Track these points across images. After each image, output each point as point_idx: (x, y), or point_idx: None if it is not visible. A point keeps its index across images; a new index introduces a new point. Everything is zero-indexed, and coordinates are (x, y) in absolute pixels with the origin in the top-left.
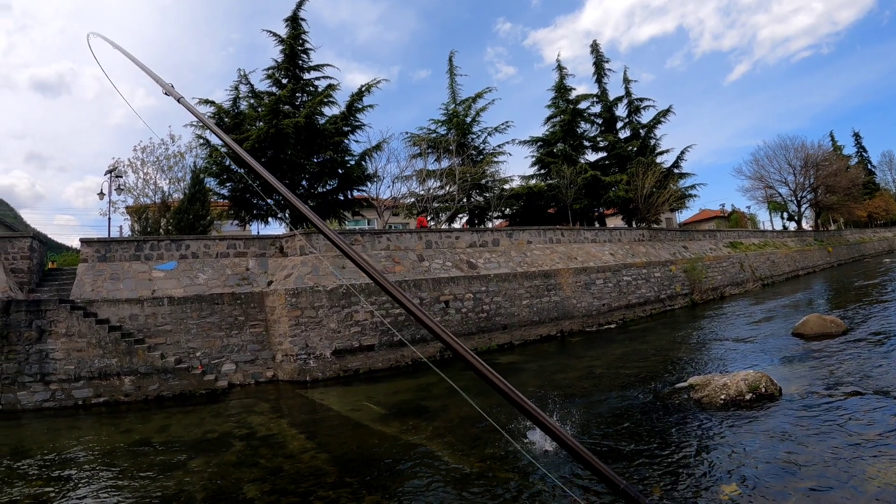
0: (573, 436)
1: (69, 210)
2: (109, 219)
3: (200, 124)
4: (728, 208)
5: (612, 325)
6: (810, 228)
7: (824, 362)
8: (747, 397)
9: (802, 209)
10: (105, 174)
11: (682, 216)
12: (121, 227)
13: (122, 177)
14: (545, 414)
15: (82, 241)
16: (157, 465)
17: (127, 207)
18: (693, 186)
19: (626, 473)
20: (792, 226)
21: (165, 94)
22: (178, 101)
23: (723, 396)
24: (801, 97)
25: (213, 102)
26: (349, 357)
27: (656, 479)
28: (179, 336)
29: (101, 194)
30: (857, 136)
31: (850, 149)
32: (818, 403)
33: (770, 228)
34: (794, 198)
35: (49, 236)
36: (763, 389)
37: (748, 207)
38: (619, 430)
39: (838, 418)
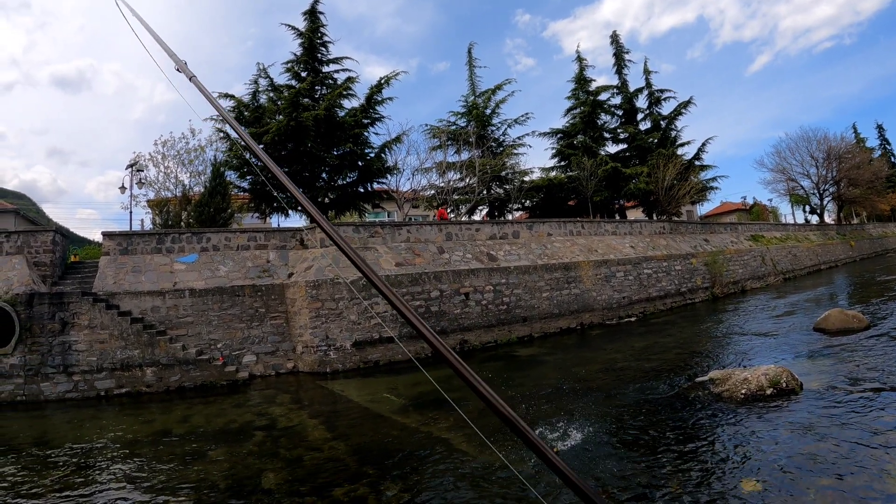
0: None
1: (91, 204)
2: (131, 212)
3: (220, 118)
4: (750, 201)
5: (633, 318)
6: (832, 222)
7: (846, 358)
8: (768, 392)
9: (825, 202)
10: (126, 168)
11: (703, 209)
12: (142, 220)
13: (143, 171)
14: (528, 426)
15: (104, 234)
16: (178, 455)
17: (148, 201)
18: (714, 179)
19: (645, 466)
20: (814, 219)
21: (177, 69)
22: (190, 79)
23: (743, 391)
24: (824, 89)
25: (232, 96)
26: (369, 348)
27: (676, 472)
28: (201, 328)
29: (123, 188)
30: (880, 128)
31: (872, 141)
32: (840, 399)
33: (792, 222)
34: (816, 191)
35: (71, 230)
36: (784, 384)
37: (770, 200)
38: (639, 423)
39: (860, 414)
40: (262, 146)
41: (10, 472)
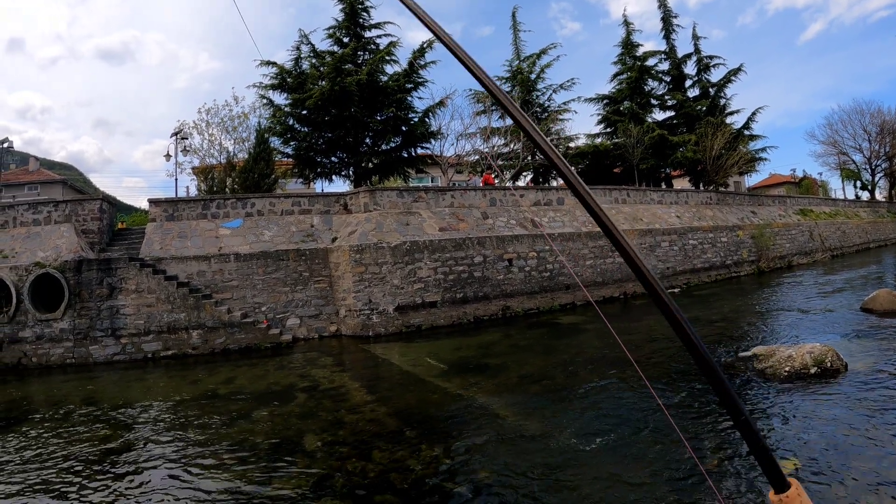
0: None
1: (137, 173)
2: (176, 179)
3: (263, 86)
4: (799, 174)
5: (676, 290)
6: (884, 199)
7: (894, 341)
8: (812, 371)
9: (876, 178)
10: (171, 136)
11: (751, 180)
12: (187, 187)
13: (187, 138)
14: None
15: (150, 201)
16: (222, 415)
17: (193, 168)
18: (763, 149)
19: (687, 439)
20: (864, 195)
21: None
22: None
23: (787, 368)
24: (880, 59)
25: (274, 63)
26: (412, 313)
27: (716, 448)
28: (245, 291)
29: (168, 156)
30: None
31: None
32: (885, 382)
33: (842, 197)
34: (868, 166)
35: (118, 198)
36: (829, 364)
37: (820, 174)
38: (680, 396)
39: None
40: (304, 111)
41: (57, 430)
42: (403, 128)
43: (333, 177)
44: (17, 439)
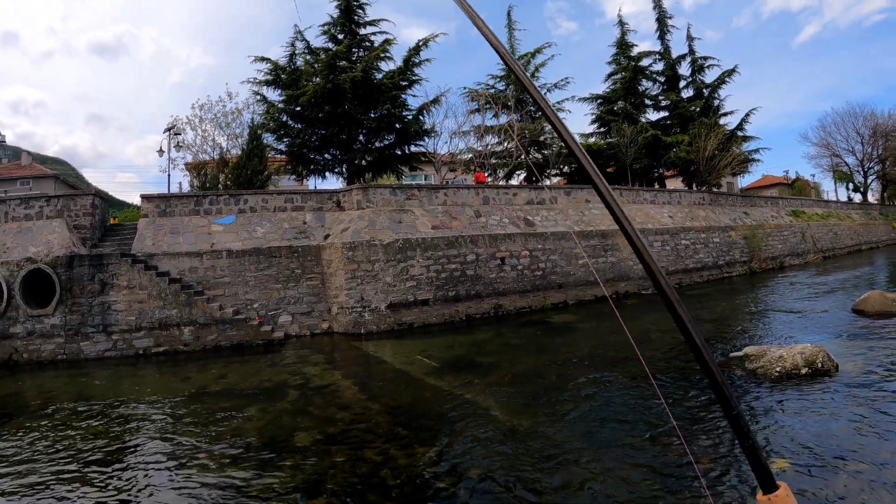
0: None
1: (130, 168)
2: (169, 175)
3: (257, 82)
4: (792, 175)
5: None
6: (876, 202)
7: (884, 342)
8: (803, 371)
9: (868, 181)
10: (164, 132)
11: (744, 181)
12: (180, 183)
13: (180, 134)
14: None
15: (143, 196)
16: (213, 412)
17: (186, 164)
18: (757, 150)
19: (683, 436)
20: (857, 197)
21: None
22: None
23: (778, 369)
24: (876, 62)
25: (268, 59)
26: (404, 311)
27: (707, 447)
28: (237, 288)
29: (161, 151)
30: None
31: None
32: (876, 383)
33: (834, 199)
34: (860, 168)
35: (111, 194)
36: (820, 365)
37: (813, 176)
38: (672, 394)
39: (895, 401)
40: (298, 108)
41: (48, 427)
42: (397, 125)
43: (327, 174)
44: (6, 436)
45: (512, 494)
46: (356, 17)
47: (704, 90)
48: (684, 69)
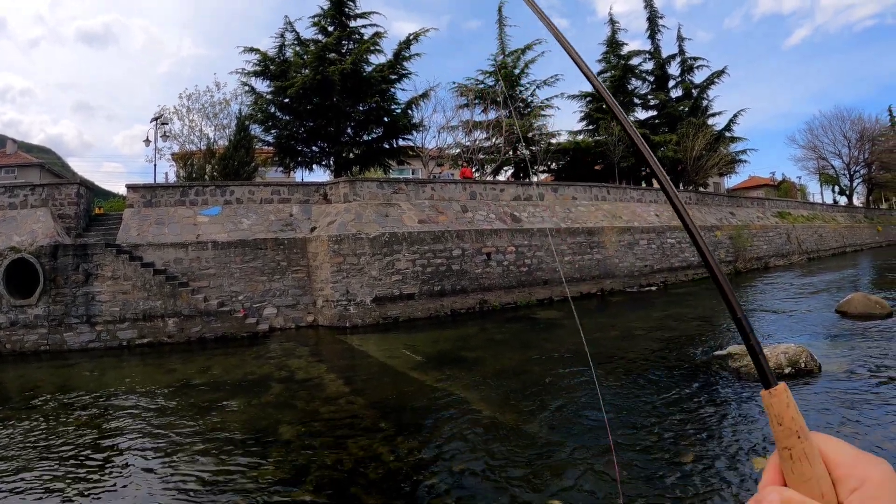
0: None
1: (117, 158)
2: (155, 165)
3: (246, 72)
4: (778, 177)
5: (654, 287)
6: (861, 205)
7: (867, 343)
8: (786, 371)
9: (854, 184)
10: (151, 122)
11: (731, 182)
12: (166, 173)
13: (167, 124)
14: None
15: (128, 186)
16: (197, 404)
17: (173, 154)
18: (744, 151)
19: (661, 434)
20: (842, 200)
21: None
22: None
23: None
24: (865, 67)
25: (257, 50)
26: (389, 305)
27: (690, 444)
28: (222, 280)
29: (147, 141)
30: None
31: None
32: (858, 384)
33: (820, 201)
34: (846, 171)
35: (96, 183)
36: (803, 364)
37: (799, 178)
38: (656, 392)
39: (877, 401)
40: (286, 99)
41: (31, 419)
42: (385, 119)
43: (314, 166)
44: None
45: (493, 488)
46: (347, 10)
47: (693, 90)
48: (674, 69)
